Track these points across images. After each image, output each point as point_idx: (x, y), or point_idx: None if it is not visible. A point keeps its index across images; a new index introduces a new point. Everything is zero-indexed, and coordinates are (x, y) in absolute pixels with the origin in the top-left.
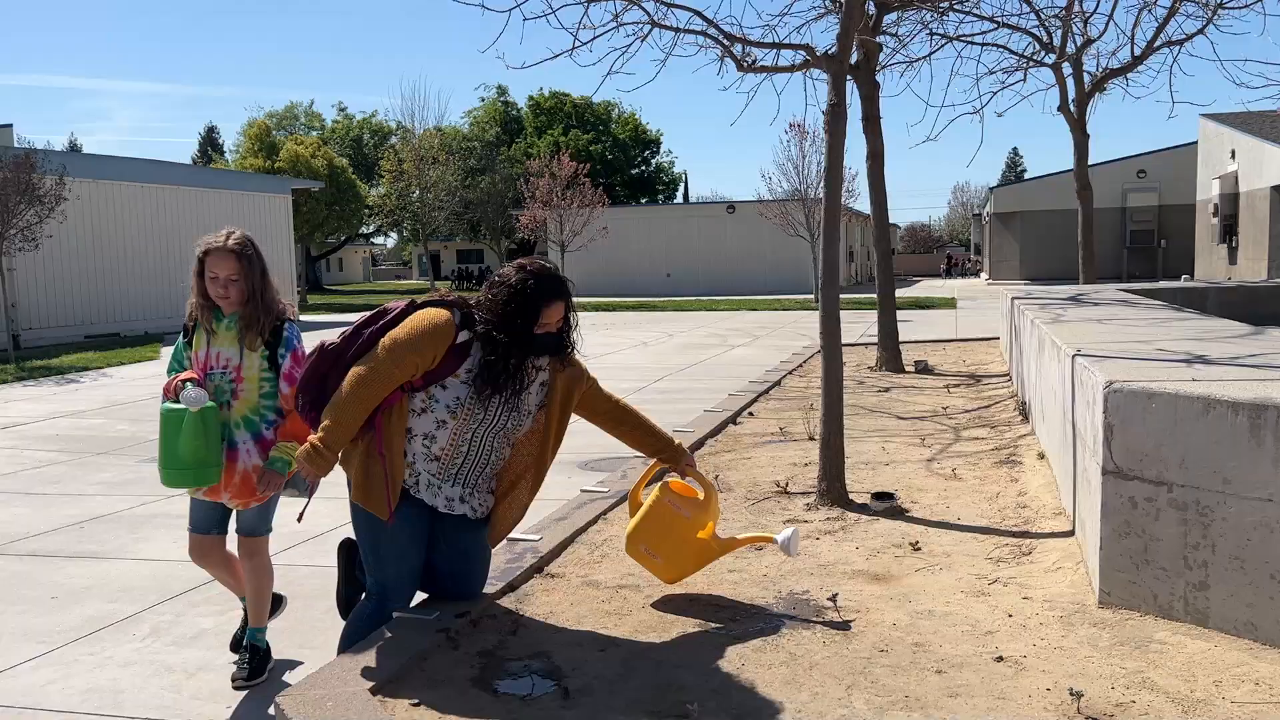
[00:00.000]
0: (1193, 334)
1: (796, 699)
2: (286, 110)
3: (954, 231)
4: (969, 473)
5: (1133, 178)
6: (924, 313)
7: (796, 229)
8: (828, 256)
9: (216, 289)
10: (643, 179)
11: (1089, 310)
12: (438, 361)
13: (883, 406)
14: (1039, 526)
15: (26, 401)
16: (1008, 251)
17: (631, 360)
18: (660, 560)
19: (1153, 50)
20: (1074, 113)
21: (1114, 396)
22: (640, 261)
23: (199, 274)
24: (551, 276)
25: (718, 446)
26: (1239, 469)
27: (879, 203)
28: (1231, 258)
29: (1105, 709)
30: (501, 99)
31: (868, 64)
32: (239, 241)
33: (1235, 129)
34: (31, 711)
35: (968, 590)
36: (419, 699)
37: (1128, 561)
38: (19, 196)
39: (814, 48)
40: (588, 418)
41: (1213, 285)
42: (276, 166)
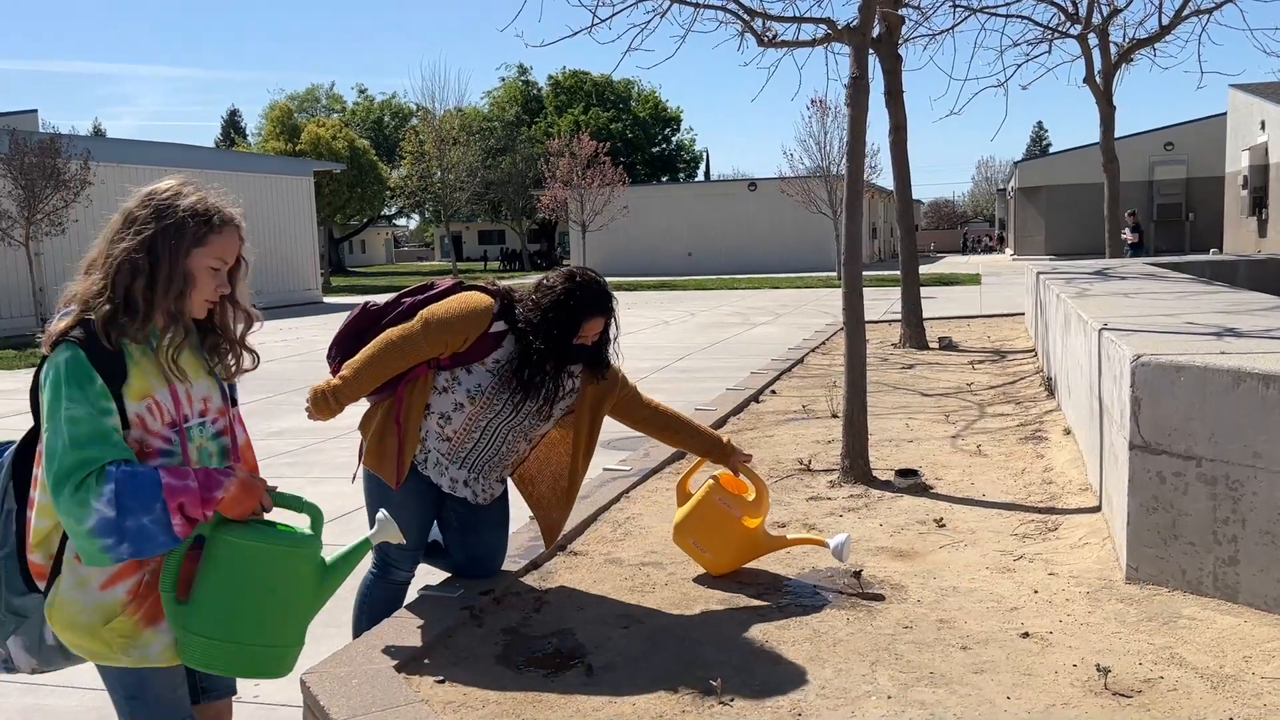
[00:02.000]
0: (1222, 307)
1: (820, 675)
2: (308, 92)
3: (978, 207)
4: (994, 449)
5: (1160, 150)
6: (948, 289)
7: (819, 206)
8: (850, 232)
9: (216, 285)
10: (663, 157)
11: (1115, 284)
12: (468, 345)
13: (906, 383)
14: (1065, 502)
15: None
16: (1032, 226)
17: (653, 339)
18: (709, 554)
19: (1181, 19)
20: (1100, 84)
21: (1142, 370)
22: (661, 240)
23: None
24: (597, 292)
25: (740, 424)
26: (1270, 443)
27: (902, 178)
28: (1261, 230)
29: (1133, 685)
30: (522, 78)
31: (890, 37)
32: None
33: (1265, 99)
34: (64, 690)
35: (993, 566)
36: (444, 676)
37: (1155, 537)
38: (45, 181)
39: (835, 21)
40: (628, 425)
41: (1242, 259)
42: (298, 149)
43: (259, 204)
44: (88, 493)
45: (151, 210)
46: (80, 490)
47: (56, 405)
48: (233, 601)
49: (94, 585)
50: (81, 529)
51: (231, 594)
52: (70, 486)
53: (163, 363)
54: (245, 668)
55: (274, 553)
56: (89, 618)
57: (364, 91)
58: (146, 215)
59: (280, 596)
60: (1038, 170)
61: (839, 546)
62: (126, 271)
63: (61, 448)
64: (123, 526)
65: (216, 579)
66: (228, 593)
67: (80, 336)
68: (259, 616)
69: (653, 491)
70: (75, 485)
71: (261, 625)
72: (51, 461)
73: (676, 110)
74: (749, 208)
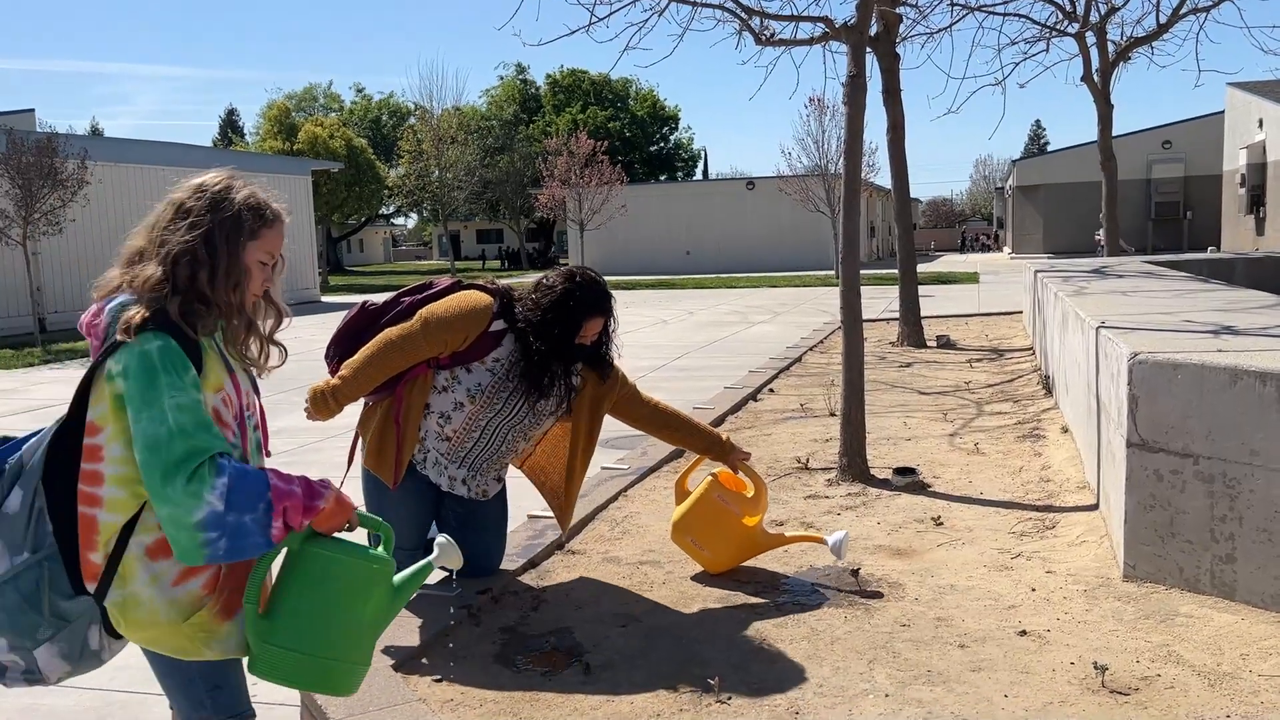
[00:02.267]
0: (1219, 305)
1: (818, 673)
2: (305, 92)
3: (976, 206)
4: (991, 447)
5: (1158, 149)
6: (946, 287)
7: (817, 204)
8: (847, 229)
9: (263, 279)
10: (661, 156)
11: (1113, 283)
12: (468, 344)
13: (904, 381)
14: (1062, 500)
15: (53, 384)
16: (1030, 225)
17: (652, 338)
18: (707, 553)
19: (1178, 17)
20: (1098, 83)
21: (1139, 368)
22: (659, 239)
23: (238, 252)
24: (597, 292)
25: (738, 423)
26: (1267, 440)
27: (900, 176)
28: (1259, 229)
29: (1130, 682)
30: (520, 77)
31: (888, 35)
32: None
33: (1263, 98)
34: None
35: (990, 565)
36: (441, 675)
37: (1153, 534)
38: (42, 180)
39: (833, 19)
40: (627, 423)
41: (1240, 257)
42: (295, 148)
43: None
44: (201, 484)
45: (206, 202)
46: (193, 481)
47: (155, 392)
48: (316, 615)
49: (168, 581)
50: (188, 521)
51: (316, 607)
52: (183, 477)
53: (228, 354)
54: (317, 682)
55: (361, 569)
56: (168, 614)
57: (362, 91)
58: (201, 207)
59: (359, 613)
60: (1036, 169)
61: (837, 544)
62: (186, 263)
63: (167, 435)
64: (225, 522)
65: (302, 591)
66: (312, 606)
67: (166, 325)
68: (339, 632)
69: (651, 490)
70: (189, 475)
71: (340, 640)
72: (157, 451)
73: (674, 109)
74: (747, 206)
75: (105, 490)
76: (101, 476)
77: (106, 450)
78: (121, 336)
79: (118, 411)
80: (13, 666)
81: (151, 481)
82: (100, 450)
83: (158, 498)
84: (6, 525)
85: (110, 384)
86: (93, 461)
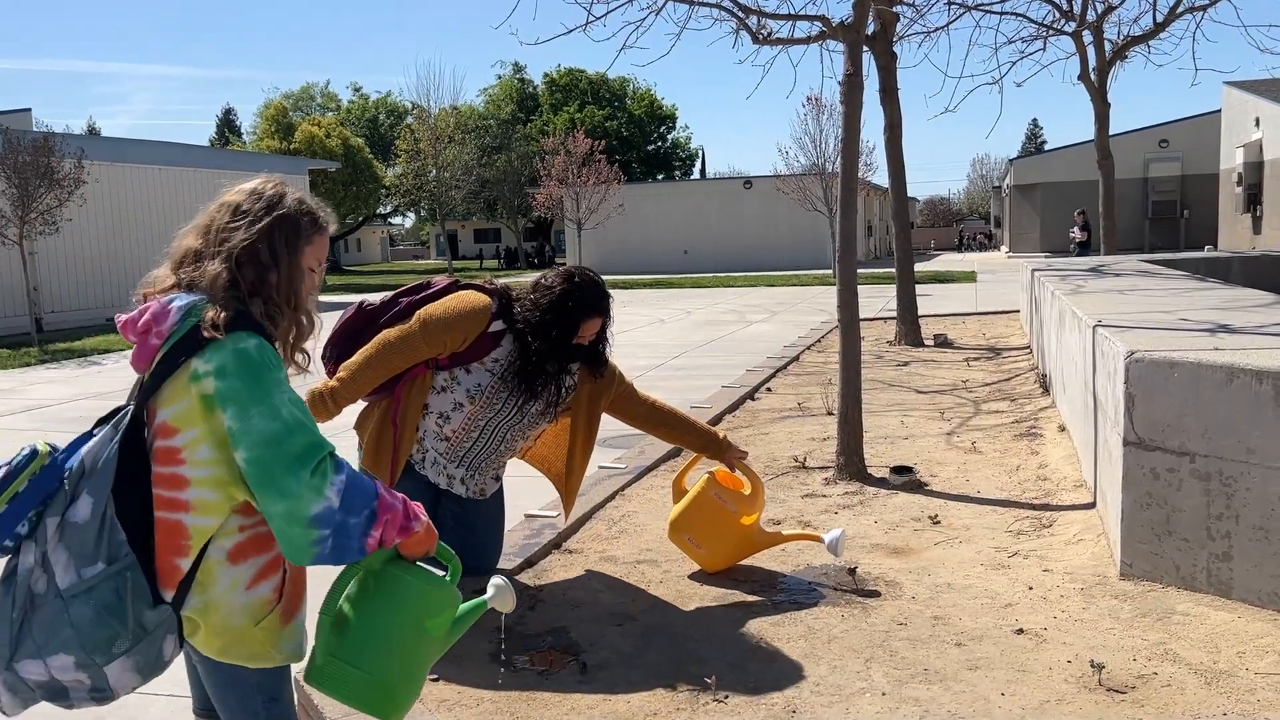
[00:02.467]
0: (1216, 303)
1: (815, 672)
2: (302, 91)
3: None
4: (989, 446)
5: (1155, 147)
6: (943, 286)
7: (814, 203)
8: (844, 228)
9: (312, 286)
10: (659, 155)
11: (1110, 281)
12: (467, 345)
13: (901, 380)
14: (1059, 499)
15: (50, 384)
16: (1028, 224)
17: (649, 338)
18: (704, 551)
19: (1175, 16)
20: (1095, 81)
21: (1135, 366)
22: (657, 238)
23: (297, 255)
24: (595, 292)
25: (735, 422)
26: (1263, 438)
27: (897, 175)
28: (1256, 227)
29: (1127, 681)
30: (517, 76)
31: (884, 34)
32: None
33: (1260, 96)
34: None
35: (987, 563)
36: (437, 674)
37: (1149, 533)
38: (38, 180)
39: (830, 18)
40: (624, 421)
41: (1236, 255)
42: (293, 148)
43: None
44: (322, 479)
45: (263, 204)
46: (315, 475)
47: (264, 388)
48: (387, 637)
49: (243, 585)
50: (305, 515)
51: (388, 630)
52: (307, 470)
53: (288, 356)
54: (375, 703)
55: (435, 599)
56: (240, 620)
57: (359, 90)
58: (259, 209)
59: (425, 640)
60: (1033, 167)
61: (833, 542)
62: (252, 265)
63: (284, 429)
64: (335, 521)
65: (377, 612)
66: (385, 628)
67: (252, 324)
68: (405, 657)
69: (648, 489)
70: (311, 469)
71: (404, 666)
72: (275, 445)
73: (672, 108)
74: (745, 205)
75: (192, 494)
76: (185, 480)
77: (189, 452)
78: (211, 334)
79: (206, 412)
80: (77, 687)
81: (268, 476)
82: (179, 453)
83: (275, 492)
84: (75, 535)
85: (196, 384)
86: (170, 465)
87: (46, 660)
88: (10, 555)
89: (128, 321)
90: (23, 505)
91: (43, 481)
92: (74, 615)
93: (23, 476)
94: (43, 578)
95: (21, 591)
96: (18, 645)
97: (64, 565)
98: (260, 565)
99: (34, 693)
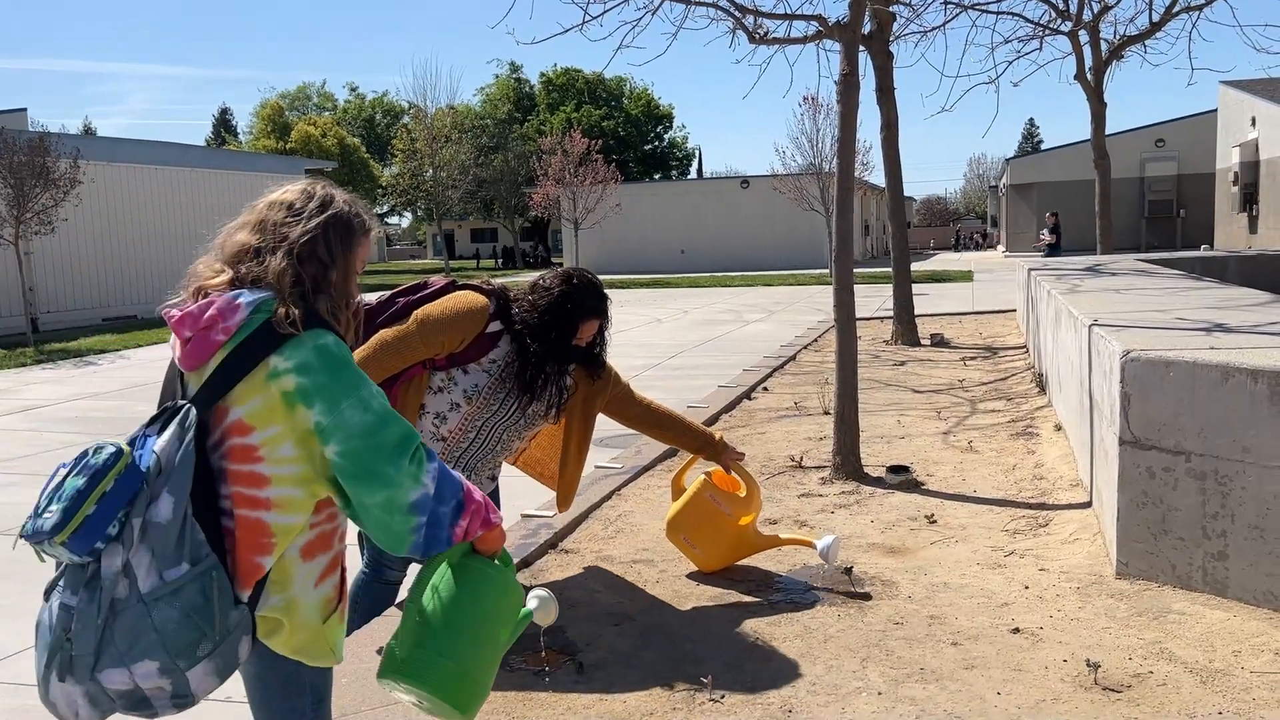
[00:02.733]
0: (1212, 303)
1: (812, 671)
2: (299, 91)
3: (970, 204)
4: (985, 445)
5: (1151, 147)
6: (940, 286)
7: (811, 203)
8: (841, 227)
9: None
10: (656, 155)
11: (1106, 280)
12: (464, 346)
13: (898, 380)
14: (1056, 498)
15: (46, 384)
16: (1024, 223)
17: (646, 337)
18: (699, 551)
19: (1171, 16)
20: (1091, 81)
21: (1131, 366)
22: (654, 238)
23: (350, 254)
24: (594, 295)
25: (732, 422)
26: (1259, 437)
27: (894, 174)
28: (1252, 226)
29: (1123, 680)
30: (514, 76)
31: (881, 34)
32: None
33: (1256, 96)
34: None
35: (984, 562)
36: None
37: (1145, 532)
38: (34, 180)
39: (826, 18)
40: (620, 422)
41: (1233, 254)
42: (288, 147)
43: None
44: (420, 466)
45: (317, 202)
46: (413, 462)
47: (348, 382)
48: (476, 627)
49: (313, 582)
50: (404, 502)
51: (476, 619)
52: (405, 457)
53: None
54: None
55: (516, 591)
56: (310, 617)
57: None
58: (314, 208)
59: (503, 635)
60: (1029, 167)
61: (826, 548)
62: (312, 261)
63: (377, 420)
64: (430, 508)
65: (465, 602)
66: (474, 618)
67: (323, 321)
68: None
69: (644, 489)
70: (410, 455)
71: (489, 657)
72: (372, 435)
73: (668, 108)
74: (742, 205)
75: (273, 491)
76: (265, 478)
77: (269, 450)
78: (290, 330)
79: (287, 409)
80: (158, 694)
81: (366, 467)
82: (256, 450)
83: (375, 481)
84: (158, 536)
85: (275, 381)
86: (248, 462)
87: (131, 668)
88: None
89: (185, 316)
90: (111, 506)
91: (128, 481)
92: (158, 619)
93: (110, 476)
94: (123, 582)
95: (106, 597)
96: (100, 654)
97: (146, 568)
98: (325, 563)
99: (114, 703)
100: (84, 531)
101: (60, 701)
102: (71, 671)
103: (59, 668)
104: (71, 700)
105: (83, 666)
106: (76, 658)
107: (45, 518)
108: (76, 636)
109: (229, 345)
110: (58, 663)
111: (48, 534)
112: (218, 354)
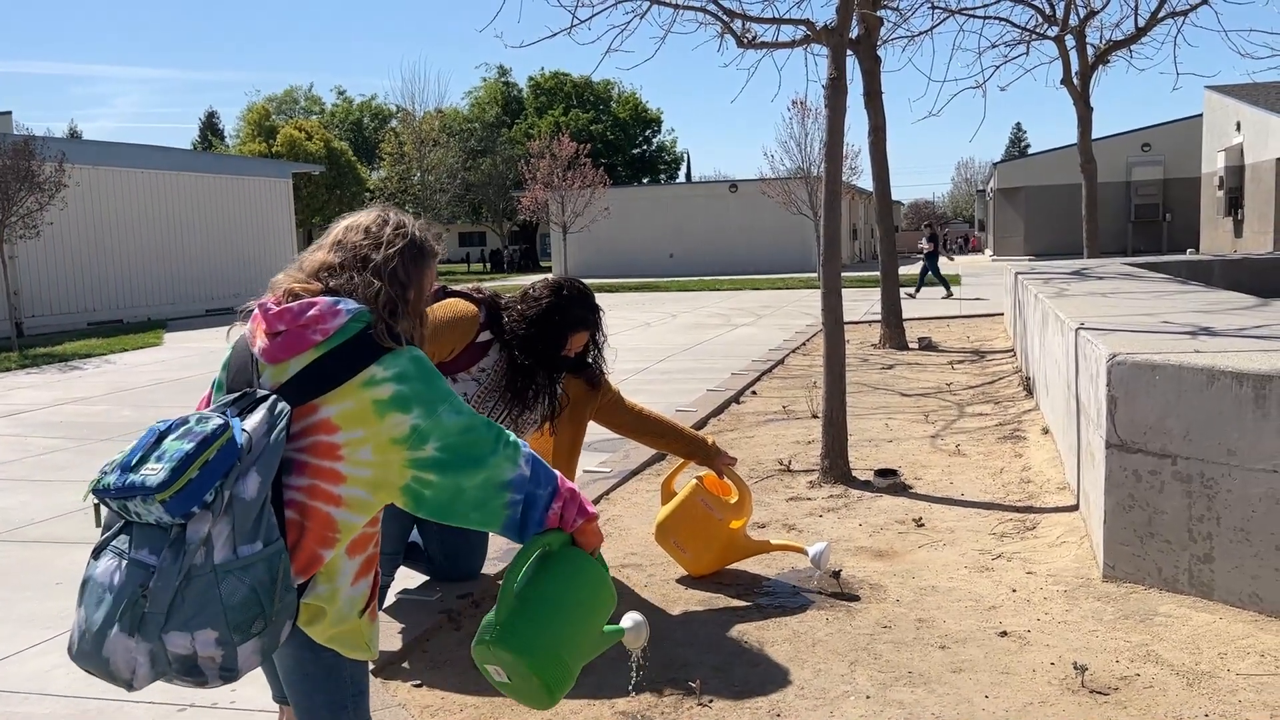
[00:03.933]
0: (1197, 306)
1: (800, 675)
2: (286, 94)
3: (958, 208)
4: (973, 448)
5: (1137, 151)
6: (928, 289)
7: (799, 207)
8: (828, 230)
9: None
10: (644, 159)
11: (1093, 284)
12: (454, 355)
13: (886, 383)
14: (1043, 501)
15: (30, 389)
16: (1012, 227)
17: (634, 341)
18: (689, 555)
19: (1156, 21)
20: (1077, 86)
21: (1118, 369)
22: (642, 242)
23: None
24: (583, 305)
25: (720, 425)
26: (1244, 440)
27: (881, 178)
28: (1237, 230)
29: (1109, 682)
30: (502, 79)
31: (868, 38)
32: None
33: (1240, 100)
34: (37, 697)
35: (971, 566)
36: (421, 680)
37: (1132, 535)
38: (19, 184)
39: (814, 22)
40: (611, 429)
41: (1218, 258)
42: (275, 150)
43: (237, 207)
44: (516, 451)
45: (393, 227)
46: (510, 447)
47: (444, 390)
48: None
49: (351, 577)
50: (502, 478)
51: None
52: (503, 443)
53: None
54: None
55: (610, 591)
56: (348, 610)
57: (343, 93)
58: (391, 233)
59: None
60: (1016, 171)
61: (817, 555)
62: (394, 283)
63: (470, 420)
64: (526, 488)
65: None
66: (570, 602)
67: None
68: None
69: (633, 493)
70: (508, 441)
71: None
72: (472, 430)
73: (657, 112)
74: (730, 209)
75: (345, 490)
76: (341, 476)
77: (349, 451)
78: (391, 344)
79: (376, 417)
80: (209, 665)
81: (466, 455)
82: (338, 449)
83: (475, 464)
84: (241, 511)
85: (370, 389)
86: (329, 459)
87: (194, 634)
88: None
89: (284, 311)
90: (211, 474)
91: (228, 453)
92: (225, 591)
93: (213, 446)
94: (202, 550)
95: (187, 561)
96: (169, 615)
97: (224, 540)
98: (362, 561)
99: (170, 667)
100: (186, 494)
101: (118, 656)
102: (141, 628)
103: (129, 623)
104: (131, 656)
105: (154, 624)
106: (149, 614)
107: (147, 474)
108: (154, 595)
109: (323, 346)
110: (129, 618)
111: (151, 489)
112: (309, 352)
